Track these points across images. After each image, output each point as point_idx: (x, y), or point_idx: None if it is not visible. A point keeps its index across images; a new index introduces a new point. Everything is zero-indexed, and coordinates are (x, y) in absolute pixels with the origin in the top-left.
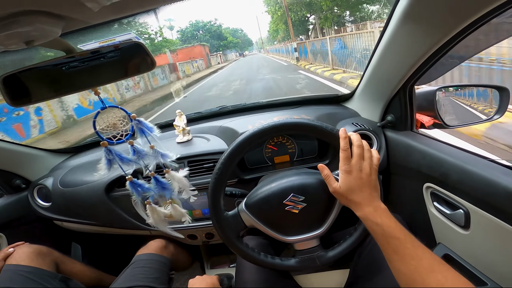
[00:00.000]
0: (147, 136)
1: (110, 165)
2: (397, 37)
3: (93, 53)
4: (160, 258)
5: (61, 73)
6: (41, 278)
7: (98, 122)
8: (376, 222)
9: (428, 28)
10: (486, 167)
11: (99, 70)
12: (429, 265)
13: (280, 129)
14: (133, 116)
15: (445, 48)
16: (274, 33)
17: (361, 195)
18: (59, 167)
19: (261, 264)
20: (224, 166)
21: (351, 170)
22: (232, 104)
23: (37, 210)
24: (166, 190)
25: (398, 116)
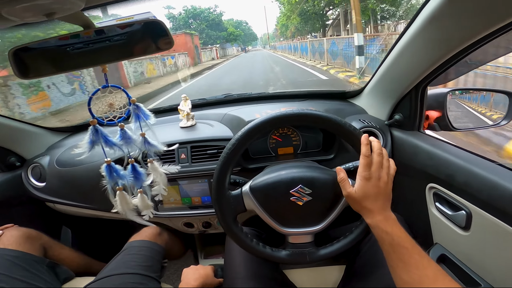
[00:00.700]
0: (141, 122)
1: (92, 145)
2: (419, 36)
3: (98, 34)
4: (154, 246)
5: (66, 54)
6: (27, 263)
7: (95, 100)
8: (387, 231)
9: (453, 30)
10: (493, 170)
11: (104, 50)
12: (433, 275)
13: (305, 119)
14: (132, 100)
15: (466, 51)
16: (282, 28)
17: (375, 203)
18: (57, 146)
19: (250, 251)
20: (238, 143)
21: (370, 178)
22: (238, 93)
23: (30, 190)
24: (138, 180)
25: (406, 115)
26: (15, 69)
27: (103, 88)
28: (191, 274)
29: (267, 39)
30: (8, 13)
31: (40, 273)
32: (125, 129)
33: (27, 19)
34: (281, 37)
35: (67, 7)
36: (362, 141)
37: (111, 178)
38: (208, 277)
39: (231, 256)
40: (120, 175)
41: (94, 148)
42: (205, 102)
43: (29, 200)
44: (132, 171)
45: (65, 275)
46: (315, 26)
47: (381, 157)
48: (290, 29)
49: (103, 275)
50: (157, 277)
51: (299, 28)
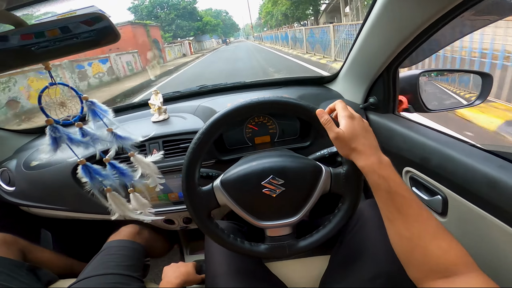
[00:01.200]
0: (103, 118)
1: (56, 145)
2: (383, 17)
3: (64, 32)
4: (133, 245)
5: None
6: (6, 267)
7: (45, 98)
8: (382, 175)
9: (417, 7)
10: (467, 152)
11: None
12: (433, 230)
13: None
14: (84, 98)
15: (432, 29)
16: (267, 16)
17: (366, 142)
18: (24, 148)
19: (228, 247)
20: (203, 137)
21: (354, 116)
22: (212, 84)
23: (1, 195)
24: (126, 177)
25: (380, 98)
26: None
27: (51, 85)
28: (172, 272)
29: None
30: None
31: (20, 276)
32: (84, 128)
33: None
34: (265, 27)
35: None
36: (318, 113)
37: (92, 180)
38: (189, 274)
39: (211, 253)
40: (102, 174)
41: (58, 149)
42: (179, 95)
43: (1, 205)
44: (111, 169)
45: (47, 278)
46: (305, 13)
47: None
48: (276, 16)
49: (83, 277)
50: (139, 276)
51: (288, 14)
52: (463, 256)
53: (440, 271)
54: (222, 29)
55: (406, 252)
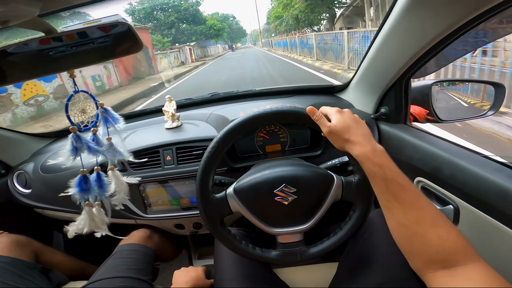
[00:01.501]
0: (109, 127)
1: (75, 153)
2: (399, 26)
3: (81, 38)
4: (144, 249)
5: (48, 57)
6: (19, 269)
7: (70, 106)
8: (377, 162)
9: (433, 18)
10: (479, 163)
11: (85, 53)
12: (432, 218)
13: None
14: (100, 104)
15: (447, 40)
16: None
17: (358, 132)
18: (41, 152)
19: (240, 253)
20: (218, 145)
21: (342, 111)
22: (224, 91)
23: (17, 197)
24: (101, 190)
25: (392, 108)
26: None
27: (75, 93)
28: (182, 276)
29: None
30: None
31: (33, 278)
32: (96, 134)
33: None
34: (273, 33)
35: (21, 14)
36: (309, 111)
37: (81, 190)
38: (200, 279)
39: (220, 257)
40: (92, 188)
41: (78, 156)
42: (191, 102)
43: (17, 207)
44: (97, 180)
45: (58, 280)
46: (318, 17)
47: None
48: (286, 21)
49: (93, 280)
50: (148, 280)
51: (301, 18)
52: (462, 245)
53: (440, 261)
54: (228, 34)
55: (405, 240)
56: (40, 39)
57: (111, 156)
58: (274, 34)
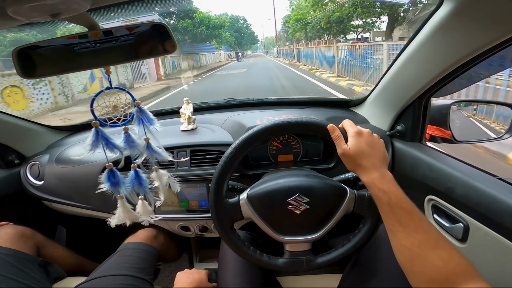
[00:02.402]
0: (145, 127)
1: (94, 146)
2: (425, 46)
3: (106, 35)
4: (149, 248)
5: (73, 53)
6: (19, 261)
7: (98, 101)
8: (383, 189)
9: (460, 41)
10: (494, 185)
11: (111, 51)
12: (434, 240)
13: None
14: (137, 103)
15: (473, 62)
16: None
17: (371, 160)
18: (57, 144)
19: (247, 258)
20: (236, 151)
21: (362, 133)
22: (240, 98)
23: (28, 188)
24: (141, 187)
25: (409, 126)
26: (18, 68)
27: (107, 89)
28: (185, 278)
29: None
30: (15, 12)
31: (31, 271)
32: (129, 133)
33: (33, 19)
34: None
35: (73, 8)
36: (329, 129)
37: (112, 185)
38: (202, 281)
39: (225, 262)
40: (121, 181)
41: (95, 150)
42: (206, 106)
43: (26, 198)
44: (135, 177)
45: (56, 275)
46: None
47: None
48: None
49: (95, 276)
50: (150, 279)
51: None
52: (464, 266)
53: (441, 281)
54: (237, 39)
55: (407, 261)
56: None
57: (149, 155)
58: (289, 43)
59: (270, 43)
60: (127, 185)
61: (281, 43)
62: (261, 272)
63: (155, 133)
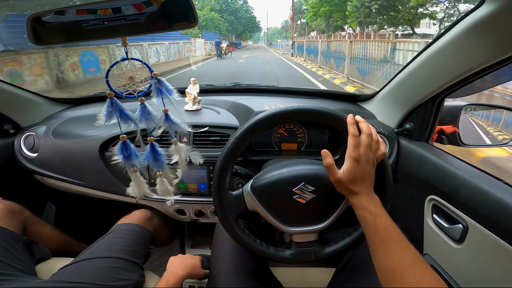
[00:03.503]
0: (164, 98)
1: (109, 117)
2: (454, 45)
3: (114, 13)
4: (142, 231)
5: (81, 28)
6: (3, 239)
7: (114, 71)
8: (370, 210)
9: (490, 44)
10: (499, 188)
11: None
12: (411, 259)
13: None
14: (154, 74)
15: (496, 65)
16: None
17: (362, 185)
18: (55, 116)
19: (254, 251)
20: (239, 140)
21: (360, 159)
22: (247, 83)
23: (20, 160)
24: (158, 162)
25: (418, 125)
26: (31, 35)
27: (122, 61)
28: (178, 263)
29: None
30: None
31: (15, 250)
32: (145, 104)
33: None
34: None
35: None
36: (348, 121)
37: (125, 157)
38: (196, 267)
39: (219, 249)
40: (134, 154)
41: (109, 121)
42: (212, 88)
43: (17, 170)
44: (151, 151)
45: (40, 255)
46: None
47: (370, 139)
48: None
49: (83, 258)
50: (141, 263)
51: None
52: (436, 285)
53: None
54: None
55: (386, 278)
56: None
57: (168, 127)
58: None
59: (273, 34)
60: (142, 160)
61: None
62: (255, 261)
63: (175, 102)
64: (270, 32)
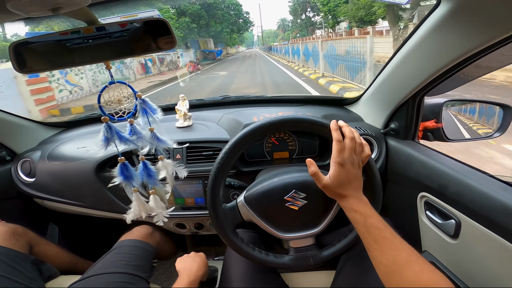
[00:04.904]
0: (149, 117)
1: (107, 142)
2: (421, 46)
3: (98, 31)
4: (145, 246)
5: (65, 49)
6: (12, 259)
7: (104, 96)
8: (360, 211)
9: (455, 41)
10: (486, 181)
11: (104, 47)
12: (406, 256)
13: (281, 125)
14: (138, 95)
15: (468, 61)
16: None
17: (349, 188)
18: (49, 141)
19: (254, 260)
20: (228, 155)
21: (344, 164)
22: (236, 95)
23: (19, 185)
24: (151, 179)
25: (402, 124)
26: (14, 63)
27: (110, 84)
28: (190, 263)
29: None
30: (14, 7)
31: (24, 270)
32: (134, 125)
33: (32, 14)
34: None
35: (74, 2)
36: (332, 127)
37: (125, 178)
38: (205, 264)
39: (230, 262)
40: (134, 174)
41: (108, 145)
42: (202, 103)
43: (17, 196)
44: (144, 169)
45: (49, 273)
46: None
47: (353, 143)
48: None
49: (90, 274)
50: (146, 277)
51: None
52: (436, 278)
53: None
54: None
55: (385, 277)
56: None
57: (156, 145)
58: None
59: (267, 36)
60: (137, 178)
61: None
62: (266, 270)
63: (159, 121)
64: (264, 35)
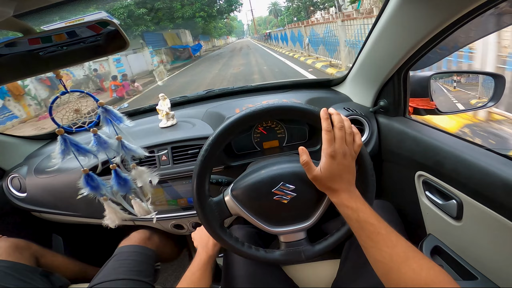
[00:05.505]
0: (114, 126)
1: (63, 154)
2: (395, 18)
3: (70, 37)
4: (144, 250)
5: (37, 57)
6: (20, 273)
7: (59, 108)
8: (352, 207)
9: (431, 9)
10: (483, 156)
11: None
12: (403, 252)
13: (265, 114)
14: (100, 103)
15: (446, 32)
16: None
17: (340, 181)
18: (35, 154)
19: (243, 255)
20: (211, 148)
21: (335, 155)
22: (219, 88)
23: (13, 201)
24: (124, 186)
25: (391, 101)
26: None
27: (62, 94)
28: (206, 238)
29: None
30: None
31: (34, 282)
32: (99, 134)
33: None
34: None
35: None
36: (322, 116)
37: (92, 188)
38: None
39: (230, 257)
40: (100, 183)
41: (66, 158)
42: (186, 99)
43: (13, 211)
44: (115, 178)
45: (60, 283)
46: None
47: (343, 132)
48: None
49: (95, 283)
50: (150, 281)
51: None
52: (435, 273)
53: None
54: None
55: (383, 275)
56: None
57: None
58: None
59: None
60: (107, 187)
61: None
62: (268, 264)
63: (125, 130)
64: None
